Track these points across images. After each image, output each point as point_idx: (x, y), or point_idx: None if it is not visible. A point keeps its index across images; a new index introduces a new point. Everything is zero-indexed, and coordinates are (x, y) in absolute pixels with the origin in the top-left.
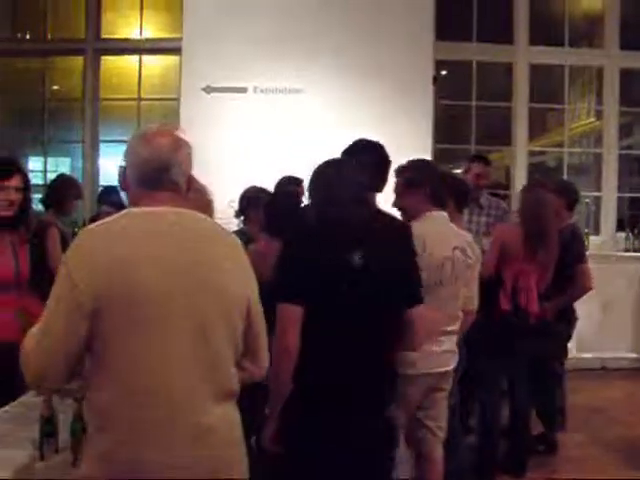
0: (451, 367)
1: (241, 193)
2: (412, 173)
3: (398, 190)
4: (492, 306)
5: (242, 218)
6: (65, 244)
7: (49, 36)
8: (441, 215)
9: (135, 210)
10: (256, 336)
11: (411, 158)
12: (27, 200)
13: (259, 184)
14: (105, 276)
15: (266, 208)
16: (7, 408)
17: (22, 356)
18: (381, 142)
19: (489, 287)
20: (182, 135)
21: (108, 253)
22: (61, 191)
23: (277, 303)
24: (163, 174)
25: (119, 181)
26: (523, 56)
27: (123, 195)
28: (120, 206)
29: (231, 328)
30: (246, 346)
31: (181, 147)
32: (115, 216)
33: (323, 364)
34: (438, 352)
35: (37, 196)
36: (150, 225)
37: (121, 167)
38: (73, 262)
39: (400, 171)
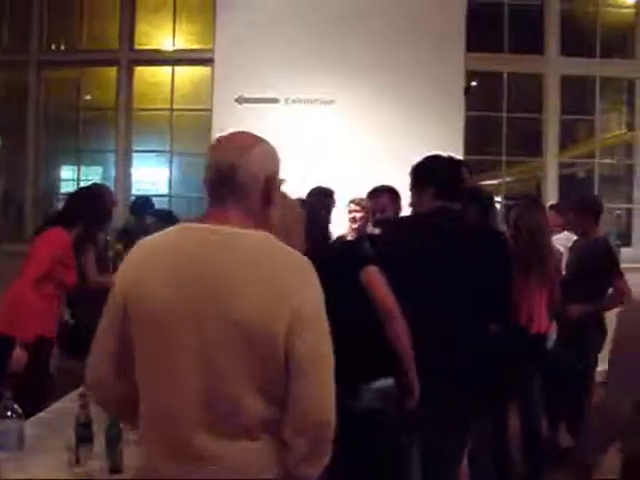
0: None
1: None
2: None
3: None
4: None
5: None
6: (99, 253)
7: (83, 47)
8: None
9: (182, 225)
10: (296, 387)
11: None
12: None
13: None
14: (128, 293)
15: None
16: (42, 414)
17: None
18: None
19: None
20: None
21: (133, 270)
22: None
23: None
24: (227, 180)
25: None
26: (554, 67)
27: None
28: (164, 215)
29: (248, 362)
30: (287, 400)
31: (251, 147)
32: (167, 230)
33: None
34: None
35: None
36: (178, 244)
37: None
38: (117, 273)
39: None
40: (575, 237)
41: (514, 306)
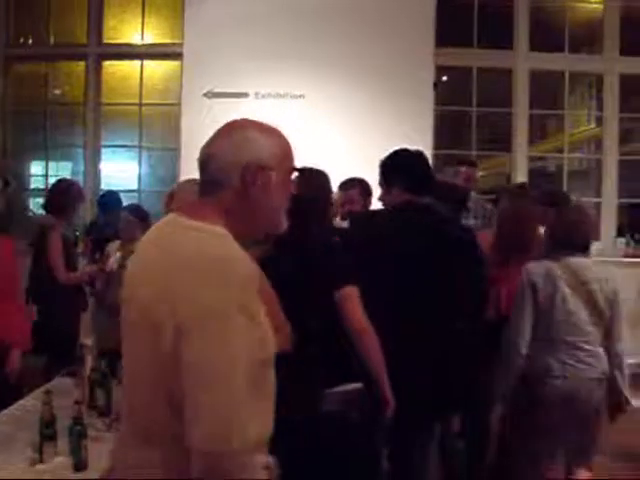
0: None
1: None
2: None
3: None
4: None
5: None
6: (67, 248)
7: (51, 41)
8: None
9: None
10: (188, 393)
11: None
12: None
13: None
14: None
15: None
16: (6, 411)
17: None
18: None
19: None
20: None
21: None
22: (62, 196)
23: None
24: (203, 174)
25: None
26: (523, 62)
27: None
28: (136, 211)
29: (148, 361)
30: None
31: (227, 134)
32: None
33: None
34: None
35: (39, 200)
36: (147, 237)
37: None
38: None
39: None
40: None
41: (494, 295)
